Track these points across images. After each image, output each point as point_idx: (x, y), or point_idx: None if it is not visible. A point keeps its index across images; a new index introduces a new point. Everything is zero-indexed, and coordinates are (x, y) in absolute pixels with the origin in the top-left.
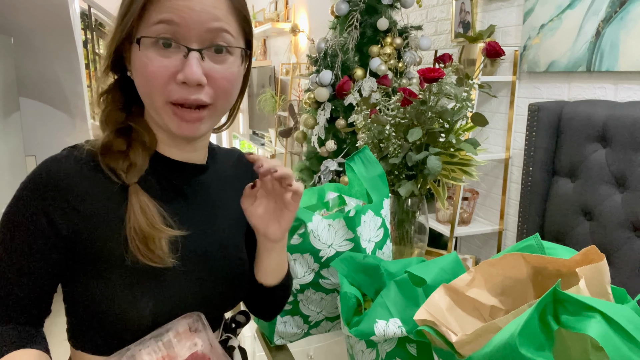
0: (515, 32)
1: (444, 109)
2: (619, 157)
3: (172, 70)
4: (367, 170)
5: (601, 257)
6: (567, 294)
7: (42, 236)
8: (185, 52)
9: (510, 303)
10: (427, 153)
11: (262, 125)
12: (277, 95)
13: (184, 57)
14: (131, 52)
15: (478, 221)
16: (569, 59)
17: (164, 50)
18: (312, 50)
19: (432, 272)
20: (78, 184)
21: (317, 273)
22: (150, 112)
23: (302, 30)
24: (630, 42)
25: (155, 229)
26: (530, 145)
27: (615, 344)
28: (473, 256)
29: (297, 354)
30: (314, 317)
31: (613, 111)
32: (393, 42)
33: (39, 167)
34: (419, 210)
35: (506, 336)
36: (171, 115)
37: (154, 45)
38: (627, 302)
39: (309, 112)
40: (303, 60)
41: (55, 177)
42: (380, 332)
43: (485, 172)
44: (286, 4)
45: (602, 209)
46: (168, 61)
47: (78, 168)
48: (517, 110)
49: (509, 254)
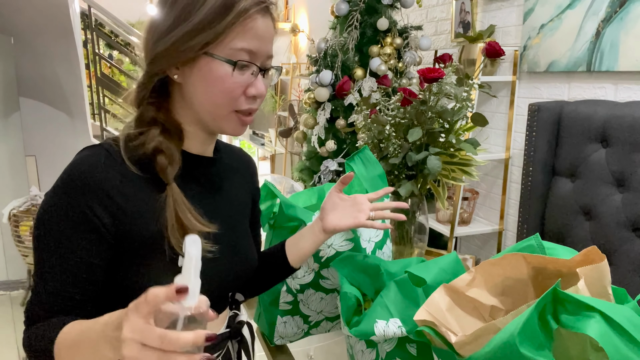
0: (515, 32)
1: (444, 109)
2: (619, 157)
3: (245, 85)
4: (367, 170)
5: (602, 257)
6: (567, 294)
7: (90, 229)
8: (256, 71)
9: (510, 303)
10: (427, 153)
11: (262, 125)
12: (277, 95)
13: (252, 74)
14: (196, 61)
15: (478, 221)
16: (569, 59)
17: (240, 69)
18: (312, 50)
19: (432, 272)
20: (114, 179)
21: (317, 273)
22: (203, 117)
23: (302, 30)
24: (630, 42)
25: (195, 224)
26: (530, 145)
27: (615, 343)
28: (473, 256)
29: (297, 354)
30: (314, 317)
31: (613, 111)
32: (393, 42)
33: (74, 165)
34: (419, 210)
35: (506, 335)
36: (235, 120)
37: (231, 63)
38: (627, 302)
39: (309, 112)
40: (303, 60)
41: (93, 173)
42: (380, 332)
43: (485, 172)
44: (286, 4)
45: (602, 209)
46: (242, 79)
47: (112, 164)
48: (517, 110)
49: (510, 254)
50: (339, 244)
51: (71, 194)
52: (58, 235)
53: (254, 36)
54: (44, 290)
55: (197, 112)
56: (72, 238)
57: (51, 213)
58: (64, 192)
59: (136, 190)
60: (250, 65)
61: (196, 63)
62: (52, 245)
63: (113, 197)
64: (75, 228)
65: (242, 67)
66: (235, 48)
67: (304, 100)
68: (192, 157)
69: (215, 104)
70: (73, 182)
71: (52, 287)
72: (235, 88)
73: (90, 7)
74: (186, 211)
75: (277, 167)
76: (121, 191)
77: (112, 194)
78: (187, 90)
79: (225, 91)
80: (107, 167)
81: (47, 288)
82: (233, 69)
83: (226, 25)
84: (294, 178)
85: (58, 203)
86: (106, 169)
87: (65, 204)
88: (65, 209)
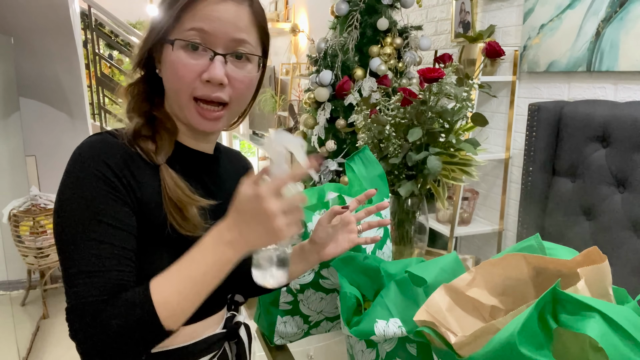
0: (515, 32)
1: (444, 109)
2: (619, 157)
3: (199, 70)
4: (367, 170)
5: (603, 258)
6: (567, 294)
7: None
8: (212, 55)
9: (510, 303)
10: (427, 153)
11: (262, 125)
12: (277, 95)
13: (210, 59)
14: (162, 52)
15: (478, 221)
16: (569, 59)
17: (192, 53)
18: (312, 50)
19: (432, 272)
20: (124, 157)
21: (317, 273)
22: (173, 107)
23: (302, 30)
24: (630, 42)
25: (188, 197)
26: (530, 145)
27: (614, 344)
28: (473, 256)
29: (297, 354)
30: (314, 317)
31: (613, 111)
32: (393, 42)
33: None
34: (419, 210)
35: (506, 335)
36: (193, 111)
37: (184, 48)
38: (627, 302)
39: (309, 112)
40: (303, 60)
41: (106, 150)
42: (380, 332)
43: (485, 172)
44: (286, 4)
45: (602, 209)
46: (196, 62)
47: (119, 147)
48: (517, 110)
49: (510, 254)
50: None
51: (89, 171)
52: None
53: (206, 17)
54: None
55: (170, 104)
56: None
57: (74, 194)
58: (81, 171)
59: (143, 172)
60: (205, 50)
61: (163, 53)
62: (83, 226)
63: (125, 173)
64: (104, 199)
65: (195, 50)
66: (186, 28)
67: (304, 100)
68: (192, 152)
69: (174, 90)
70: (85, 159)
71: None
72: (187, 72)
73: (90, 7)
74: (177, 188)
75: None
76: (131, 170)
77: (124, 169)
78: (164, 83)
79: (178, 74)
80: (115, 147)
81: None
82: (186, 53)
83: (179, 8)
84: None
85: (79, 181)
86: (115, 148)
87: (87, 180)
88: (89, 184)
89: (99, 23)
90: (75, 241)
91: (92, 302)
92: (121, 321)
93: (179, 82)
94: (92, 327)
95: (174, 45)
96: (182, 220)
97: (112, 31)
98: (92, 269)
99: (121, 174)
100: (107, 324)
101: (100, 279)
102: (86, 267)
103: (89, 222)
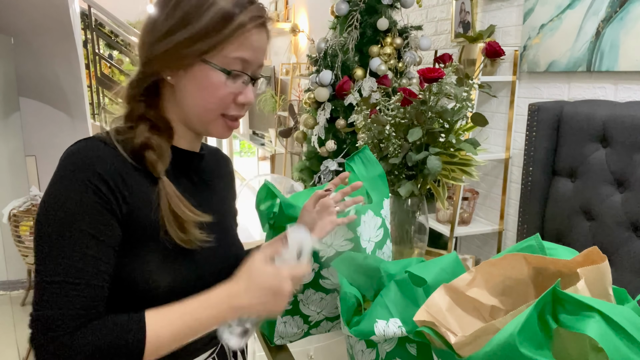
0: (515, 32)
1: (444, 109)
2: (619, 157)
3: (236, 92)
4: (367, 170)
5: (603, 258)
6: (566, 294)
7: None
8: (246, 79)
9: (510, 303)
10: (427, 153)
11: (262, 125)
12: (277, 95)
13: (243, 83)
14: (192, 67)
15: (478, 221)
16: (569, 59)
17: (232, 78)
18: (312, 50)
19: (432, 272)
20: (115, 164)
21: (317, 273)
22: (191, 118)
23: (302, 30)
24: (630, 42)
25: (192, 212)
26: (530, 145)
27: (614, 344)
28: (473, 256)
29: (297, 354)
30: (314, 317)
31: (613, 111)
32: (393, 42)
33: (72, 153)
34: (419, 210)
35: (506, 335)
36: (222, 125)
37: (225, 72)
38: (627, 302)
39: (309, 112)
40: (303, 60)
41: (96, 157)
42: (380, 332)
43: (485, 172)
44: (286, 4)
45: (602, 209)
46: (234, 86)
47: (110, 153)
48: (517, 110)
49: (510, 254)
50: (339, 244)
51: (78, 178)
52: (71, 221)
53: (249, 47)
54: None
55: (186, 113)
56: (90, 221)
57: (59, 201)
58: (70, 178)
59: (134, 178)
60: (242, 75)
61: (192, 68)
62: (67, 234)
63: (117, 181)
64: (90, 210)
65: (235, 76)
66: (231, 57)
67: (304, 100)
68: (182, 152)
69: (205, 108)
70: (76, 166)
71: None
72: (226, 95)
73: (90, 7)
74: (180, 203)
75: (277, 167)
76: (122, 177)
77: (116, 177)
78: (179, 91)
79: (218, 97)
80: (107, 154)
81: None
82: (227, 78)
83: (224, 36)
84: (294, 178)
85: (67, 188)
86: (106, 155)
87: (75, 188)
88: (77, 192)
89: (99, 23)
90: (54, 249)
91: (69, 316)
92: (103, 342)
93: (216, 103)
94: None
95: (213, 65)
96: (181, 233)
97: (112, 31)
98: (68, 280)
99: (112, 182)
100: (84, 343)
101: (74, 292)
102: (62, 277)
103: (69, 231)
